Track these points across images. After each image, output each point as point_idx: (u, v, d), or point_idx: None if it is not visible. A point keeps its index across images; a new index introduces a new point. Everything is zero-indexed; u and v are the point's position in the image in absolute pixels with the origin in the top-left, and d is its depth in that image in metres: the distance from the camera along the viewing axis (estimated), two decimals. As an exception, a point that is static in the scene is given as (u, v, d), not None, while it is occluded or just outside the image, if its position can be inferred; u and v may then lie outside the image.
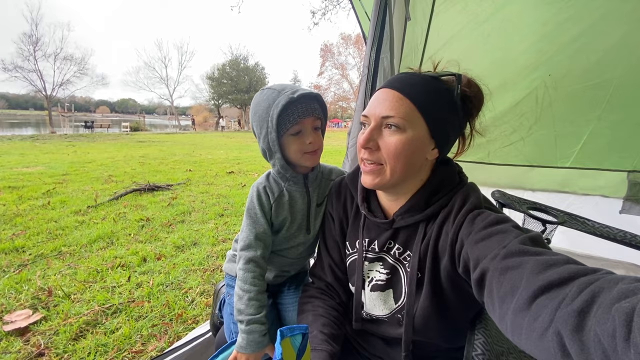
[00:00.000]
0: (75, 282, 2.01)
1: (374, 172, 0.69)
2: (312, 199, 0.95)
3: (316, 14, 12.91)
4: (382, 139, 0.67)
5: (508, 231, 0.54)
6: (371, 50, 1.34)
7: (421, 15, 1.79)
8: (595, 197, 1.92)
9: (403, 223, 0.72)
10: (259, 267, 0.88)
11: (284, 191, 0.92)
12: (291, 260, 1.02)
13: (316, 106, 0.86)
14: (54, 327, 1.60)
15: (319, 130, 0.90)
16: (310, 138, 0.86)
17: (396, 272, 0.75)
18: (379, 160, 0.68)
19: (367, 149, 0.68)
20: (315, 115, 0.85)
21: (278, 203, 0.92)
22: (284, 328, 0.46)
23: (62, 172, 5.63)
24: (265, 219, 0.90)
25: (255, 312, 0.83)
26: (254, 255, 0.88)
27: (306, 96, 0.83)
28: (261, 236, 0.90)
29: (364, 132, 0.70)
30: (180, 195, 4.35)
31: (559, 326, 0.37)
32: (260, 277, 0.88)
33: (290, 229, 0.95)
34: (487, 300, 0.50)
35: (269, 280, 1.05)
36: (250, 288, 0.85)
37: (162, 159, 8.23)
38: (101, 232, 2.82)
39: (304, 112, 0.83)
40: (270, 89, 0.85)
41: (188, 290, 1.99)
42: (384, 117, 0.66)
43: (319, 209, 0.97)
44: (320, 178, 0.98)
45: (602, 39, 1.64)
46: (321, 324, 0.78)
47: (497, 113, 1.98)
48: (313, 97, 0.86)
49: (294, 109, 0.82)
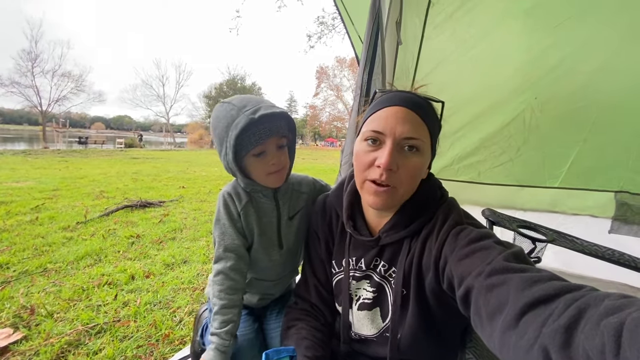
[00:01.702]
0: (59, 301, 1.94)
1: (387, 193, 0.65)
2: (282, 212, 0.90)
3: (312, 38, 13.32)
4: (402, 160, 0.64)
5: (491, 247, 0.54)
6: (364, 72, 1.39)
7: (412, 40, 1.87)
8: (585, 217, 1.95)
9: (388, 240, 0.72)
10: (228, 279, 0.83)
11: (252, 200, 0.88)
12: (272, 282, 0.98)
13: (281, 124, 0.79)
14: (35, 347, 1.53)
15: (284, 149, 0.83)
16: (273, 159, 0.79)
17: (382, 290, 0.74)
18: (394, 182, 0.64)
19: (389, 170, 0.63)
20: (279, 135, 0.79)
21: (246, 211, 0.87)
22: (269, 351, 0.44)
23: (52, 188, 5.54)
24: (234, 229, 0.86)
25: (217, 326, 0.80)
26: (223, 267, 0.84)
27: (269, 116, 0.75)
28: (230, 247, 0.85)
29: (375, 150, 0.65)
30: (172, 212, 4.30)
31: (545, 342, 0.37)
32: (230, 290, 0.83)
33: (262, 242, 0.90)
34: (474, 317, 0.50)
35: (252, 304, 1.01)
36: (215, 301, 0.82)
37: (156, 175, 8.18)
38: (89, 249, 2.75)
39: (266, 133, 0.76)
40: (230, 104, 0.78)
41: (176, 310, 1.93)
42: (407, 139, 0.63)
43: (291, 222, 0.93)
44: (291, 190, 0.93)
45: (585, 64, 1.72)
46: (304, 347, 0.75)
47: (486, 134, 2.04)
48: (277, 116, 0.78)
49: (255, 129, 0.75)
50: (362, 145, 0.68)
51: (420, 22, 1.83)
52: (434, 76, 1.93)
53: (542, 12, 1.71)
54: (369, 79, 1.41)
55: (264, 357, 0.43)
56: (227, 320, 0.81)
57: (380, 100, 0.69)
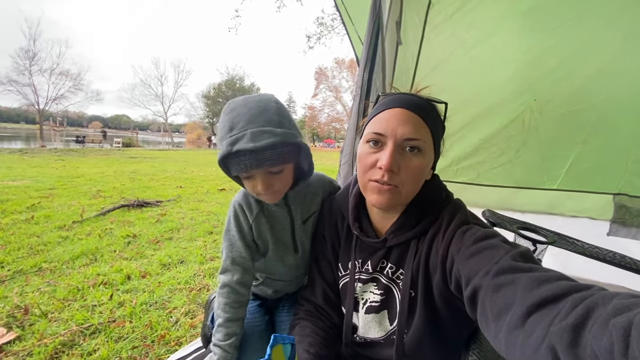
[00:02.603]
0: (54, 300, 1.92)
1: (390, 192, 0.65)
2: (295, 217, 0.88)
3: (311, 38, 13.31)
4: (404, 161, 0.64)
5: (498, 246, 0.54)
6: (364, 71, 1.38)
7: (412, 40, 1.87)
8: (583, 219, 1.95)
9: (395, 241, 0.71)
10: (234, 293, 0.83)
11: (264, 209, 0.86)
12: (285, 282, 0.98)
13: (269, 155, 0.68)
14: (28, 347, 1.51)
15: (280, 174, 0.75)
16: (260, 185, 0.73)
17: (390, 292, 0.74)
18: (396, 182, 0.65)
19: (391, 171, 0.64)
20: (266, 166, 0.70)
21: (258, 222, 0.85)
22: (277, 334, 0.45)
23: (49, 186, 5.50)
24: (243, 242, 0.84)
25: (221, 338, 0.80)
26: (229, 280, 0.83)
27: (249, 151, 0.67)
28: (239, 260, 0.84)
29: (377, 152, 0.66)
30: (169, 212, 4.27)
31: (553, 341, 0.36)
32: (235, 303, 0.83)
33: (277, 250, 0.89)
34: (481, 318, 0.49)
35: (267, 295, 1.02)
36: (220, 313, 0.82)
37: (153, 175, 8.14)
38: (85, 249, 2.72)
39: (250, 164, 0.69)
40: (228, 115, 0.71)
41: (172, 310, 1.91)
42: (408, 139, 0.63)
43: (305, 226, 0.90)
44: (303, 193, 0.89)
45: (584, 66, 1.72)
46: (308, 343, 0.75)
47: (485, 136, 2.03)
48: (262, 149, 0.67)
49: (235, 160, 0.69)
50: (365, 148, 0.68)
51: (420, 22, 1.83)
52: (434, 76, 1.93)
53: (541, 14, 1.72)
54: (369, 78, 1.40)
55: (272, 338, 0.44)
56: (230, 334, 0.81)
57: (382, 102, 0.70)
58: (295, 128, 0.76)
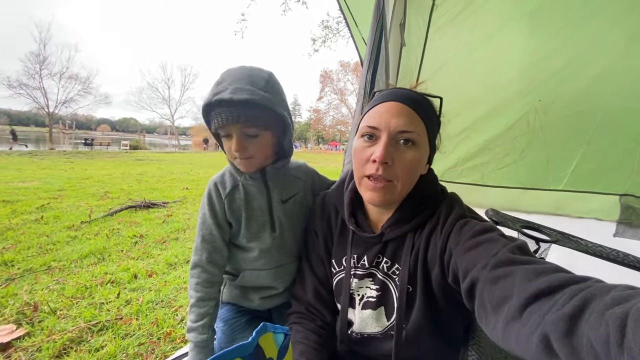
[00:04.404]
0: (63, 298, 1.95)
1: (385, 188, 0.65)
2: (272, 194, 0.87)
3: (316, 42, 13.34)
4: (398, 154, 0.64)
5: (495, 240, 0.55)
6: (367, 72, 1.39)
7: (416, 41, 1.88)
8: (589, 220, 1.93)
9: (392, 235, 0.71)
10: (205, 272, 0.83)
11: (240, 186, 0.85)
12: (268, 271, 0.89)
13: (244, 112, 0.71)
14: (37, 343, 1.54)
15: (255, 138, 0.76)
16: (235, 145, 0.75)
17: (386, 288, 0.73)
18: (390, 176, 0.65)
19: (385, 164, 0.64)
20: (241, 123, 0.72)
21: (231, 198, 0.84)
22: (268, 323, 0.45)
23: (58, 188, 5.59)
24: (214, 220, 0.84)
25: (194, 319, 0.80)
26: (199, 259, 0.83)
27: (227, 102, 0.69)
28: (208, 238, 0.84)
29: (371, 145, 0.66)
30: (175, 213, 4.31)
31: (547, 329, 0.37)
32: (206, 283, 0.82)
33: (250, 227, 0.86)
34: (478, 310, 0.50)
35: (254, 305, 0.95)
36: (192, 294, 0.82)
37: (160, 177, 8.22)
38: (93, 248, 2.77)
39: (226, 118, 0.71)
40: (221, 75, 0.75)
41: (178, 309, 1.93)
42: (401, 132, 0.64)
43: (285, 206, 0.88)
44: (283, 174, 0.88)
45: (589, 67, 1.71)
46: (299, 351, 0.73)
47: (490, 136, 2.03)
48: (241, 103, 0.70)
49: (216, 111, 0.72)
50: (359, 142, 0.69)
51: (424, 24, 1.84)
52: (438, 78, 1.93)
53: (546, 15, 1.71)
54: (373, 80, 1.42)
55: (262, 325, 0.44)
56: (203, 313, 0.80)
57: (377, 97, 0.71)
58: (281, 101, 0.78)
